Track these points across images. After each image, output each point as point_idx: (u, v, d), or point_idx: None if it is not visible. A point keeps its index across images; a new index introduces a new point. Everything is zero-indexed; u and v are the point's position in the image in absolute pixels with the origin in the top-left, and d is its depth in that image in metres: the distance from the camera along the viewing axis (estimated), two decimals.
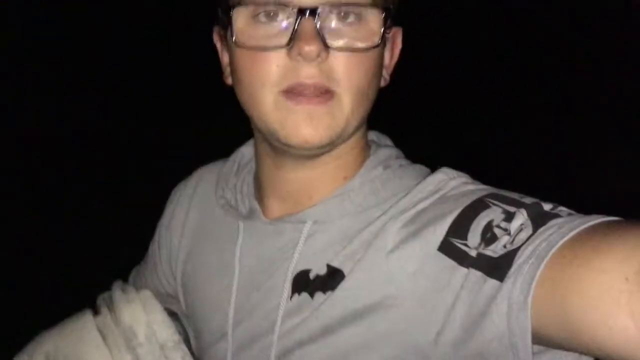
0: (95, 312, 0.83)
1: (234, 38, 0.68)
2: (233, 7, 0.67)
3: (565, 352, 0.57)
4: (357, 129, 0.73)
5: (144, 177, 3.51)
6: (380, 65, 0.73)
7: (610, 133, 3.45)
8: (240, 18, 0.67)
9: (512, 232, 0.58)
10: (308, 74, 0.65)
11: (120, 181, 3.62)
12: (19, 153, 3.67)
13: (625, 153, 3.11)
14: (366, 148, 0.79)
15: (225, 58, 0.77)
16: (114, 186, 3.57)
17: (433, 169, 0.77)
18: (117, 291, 0.84)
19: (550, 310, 0.51)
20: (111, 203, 3.39)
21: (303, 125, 0.67)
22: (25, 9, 3.89)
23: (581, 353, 0.54)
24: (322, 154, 0.72)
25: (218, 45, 0.79)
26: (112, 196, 3.47)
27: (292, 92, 0.66)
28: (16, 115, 3.82)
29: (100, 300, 0.87)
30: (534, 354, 0.55)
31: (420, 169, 0.78)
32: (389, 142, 0.84)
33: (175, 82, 3.99)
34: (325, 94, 0.66)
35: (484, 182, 0.73)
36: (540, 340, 0.53)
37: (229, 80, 0.76)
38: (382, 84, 0.76)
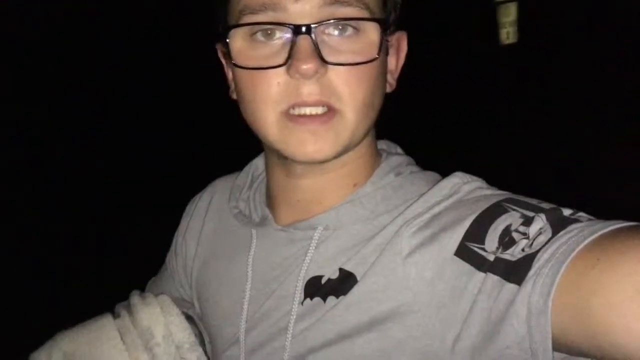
0: (115, 316, 0.86)
1: (232, 60, 0.70)
2: (230, 28, 0.69)
3: None
4: (364, 137, 0.74)
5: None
6: (383, 73, 0.74)
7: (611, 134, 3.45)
8: (237, 39, 0.69)
9: (530, 236, 0.57)
10: (309, 91, 0.67)
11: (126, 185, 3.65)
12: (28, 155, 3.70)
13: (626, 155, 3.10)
14: (376, 155, 0.81)
15: (230, 74, 0.79)
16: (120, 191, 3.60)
17: (444, 175, 0.78)
18: (134, 297, 0.87)
19: (571, 314, 0.51)
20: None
21: (307, 143, 0.68)
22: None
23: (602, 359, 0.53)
24: (330, 161, 0.74)
25: (223, 61, 0.81)
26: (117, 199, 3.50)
27: (294, 115, 0.68)
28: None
29: (119, 306, 0.90)
30: None
31: (432, 175, 0.79)
32: (399, 150, 0.86)
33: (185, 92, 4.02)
34: (328, 112, 0.68)
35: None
36: (560, 346, 0.53)
37: (234, 96, 0.78)
38: (388, 89, 0.78)
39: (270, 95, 0.68)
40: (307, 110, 0.68)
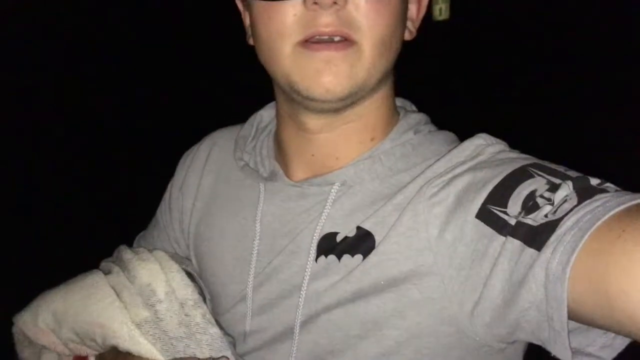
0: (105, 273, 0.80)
1: None
2: None
3: (599, 333, 0.56)
4: (380, 82, 0.71)
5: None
6: (404, 14, 0.72)
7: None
8: None
9: (555, 203, 0.56)
10: (326, 22, 0.64)
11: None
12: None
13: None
14: (394, 111, 0.79)
15: (246, 19, 0.76)
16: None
17: (460, 136, 0.77)
18: (126, 252, 0.82)
19: (589, 283, 0.50)
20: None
21: (323, 74, 0.65)
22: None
23: (616, 332, 0.53)
24: (345, 108, 0.71)
25: (239, 5, 0.78)
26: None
27: (309, 42, 0.65)
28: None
29: (106, 263, 0.84)
30: (570, 331, 0.54)
31: (450, 135, 0.78)
32: (414, 107, 0.83)
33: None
34: (345, 41, 0.65)
35: None
36: (576, 315, 0.52)
37: (251, 41, 0.75)
38: (408, 36, 0.75)
39: (286, 27, 0.65)
40: (324, 38, 0.65)
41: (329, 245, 0.71)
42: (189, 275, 0.79)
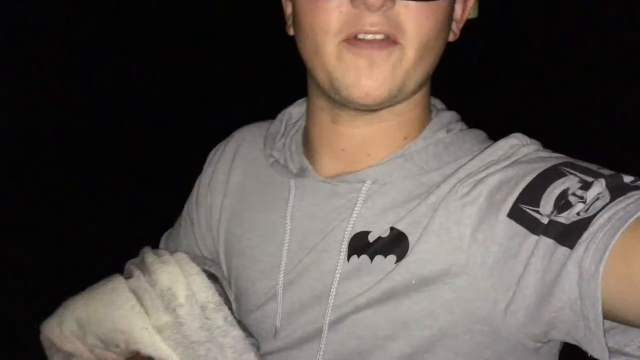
0: (126, 277, 0.80)
1: None
2: None
3: (638, 333, 0.55)
4: (420, 85, 0.70)
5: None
6: (450, 17, 0.70)
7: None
8: None
9: (588, 201, 0.55)
10: (372, 22, 0.62)
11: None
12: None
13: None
14: (428, 109, 0.77)
15: (288, 9, 0.75)
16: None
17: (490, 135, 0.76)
18: (148, 255, 0.81)
19: (623, 281, 0.49)
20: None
21: (364, 76, 0.64)
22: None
23: None
24: (383, 109, 0.70)
25: None
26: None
27: (354, 40, 0.64)
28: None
29: (130, 265, 0.84)
30: (607, 330, 0.52)
31: (481, 134, 0.76)
32: (443, 105, 0.81)
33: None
34: (388, 40, 0.64)
35: None
36: (611, 313, 0.51)
37: (291, 32, 0.74)
38: (452, 38, 0.73)
39: (331, 25, 0.64)
40: (369, 37, 0.63)
41: (361, 245, 0.70)
42: (212, 277, 0.78)
